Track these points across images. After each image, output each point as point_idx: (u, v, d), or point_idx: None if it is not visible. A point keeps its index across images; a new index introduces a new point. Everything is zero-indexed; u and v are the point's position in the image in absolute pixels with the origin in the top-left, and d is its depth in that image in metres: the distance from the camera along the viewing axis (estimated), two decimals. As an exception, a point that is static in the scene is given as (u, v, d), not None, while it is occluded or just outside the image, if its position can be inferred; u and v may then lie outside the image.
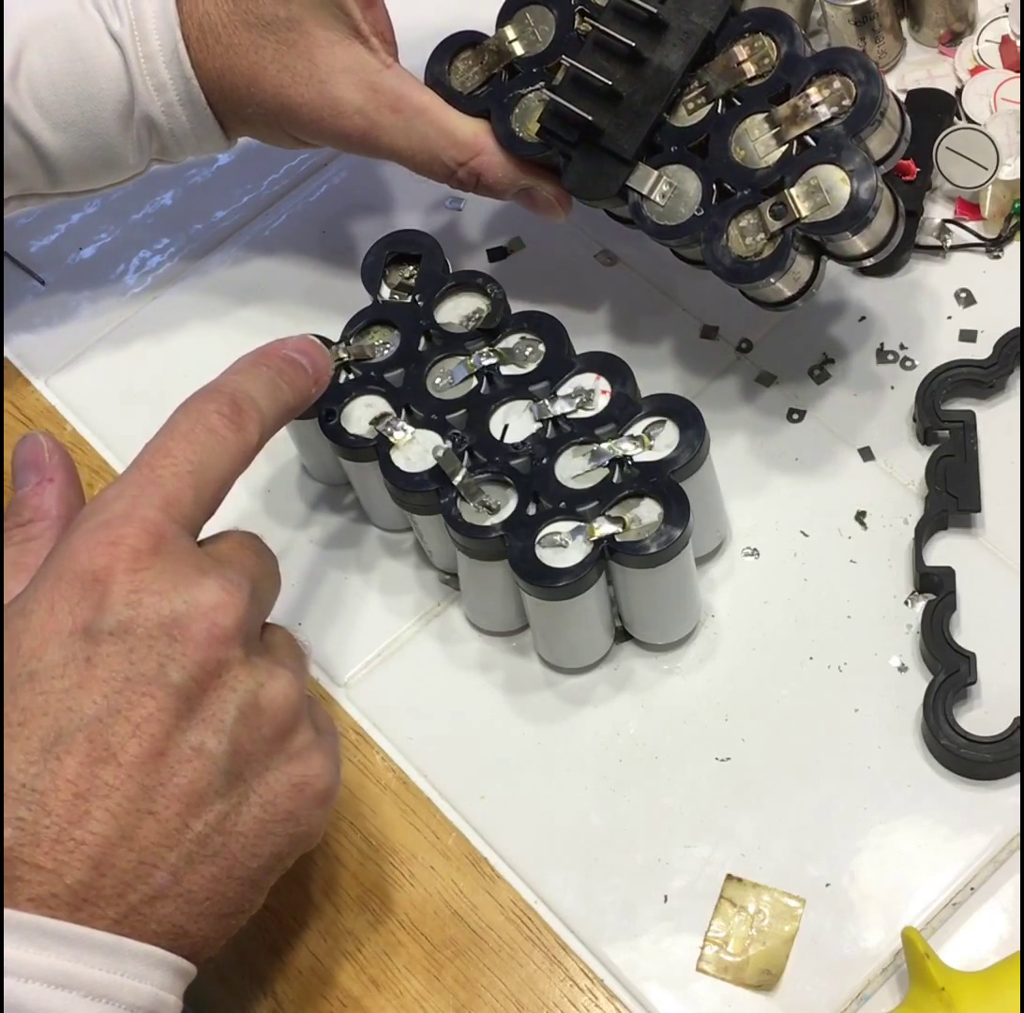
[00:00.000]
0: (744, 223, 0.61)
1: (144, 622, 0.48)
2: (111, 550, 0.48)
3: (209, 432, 0.52)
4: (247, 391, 0.54)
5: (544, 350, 0.64)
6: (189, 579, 0.49)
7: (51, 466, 0.55)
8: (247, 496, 0.70)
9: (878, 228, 0.61)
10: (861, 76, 0.60)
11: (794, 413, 0.69)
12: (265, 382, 0.55)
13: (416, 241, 0.68)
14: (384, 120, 0.65)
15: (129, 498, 0.50)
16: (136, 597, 0.48)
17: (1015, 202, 0.71)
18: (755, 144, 0.62)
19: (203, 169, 0.81)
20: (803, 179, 0.60)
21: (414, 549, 0.68)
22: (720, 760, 0.61)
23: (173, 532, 0.49)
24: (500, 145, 0.66)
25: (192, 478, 0.51)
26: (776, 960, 0.57)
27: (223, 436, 0.52)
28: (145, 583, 0.48)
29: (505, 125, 0.66)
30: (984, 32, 0.75)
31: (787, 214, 0.60)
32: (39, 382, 0.75)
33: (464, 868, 0.61)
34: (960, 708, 0.60)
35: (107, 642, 0.47)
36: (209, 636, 0.48)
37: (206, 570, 0.49)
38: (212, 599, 0.49)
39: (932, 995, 0.53)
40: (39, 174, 0.67)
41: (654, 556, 0.59)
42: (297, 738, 0.51)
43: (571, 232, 0.75)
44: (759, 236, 0.61)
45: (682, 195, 0.62)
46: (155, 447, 0.52)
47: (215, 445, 0.52)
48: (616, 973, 0.58)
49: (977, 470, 0.65)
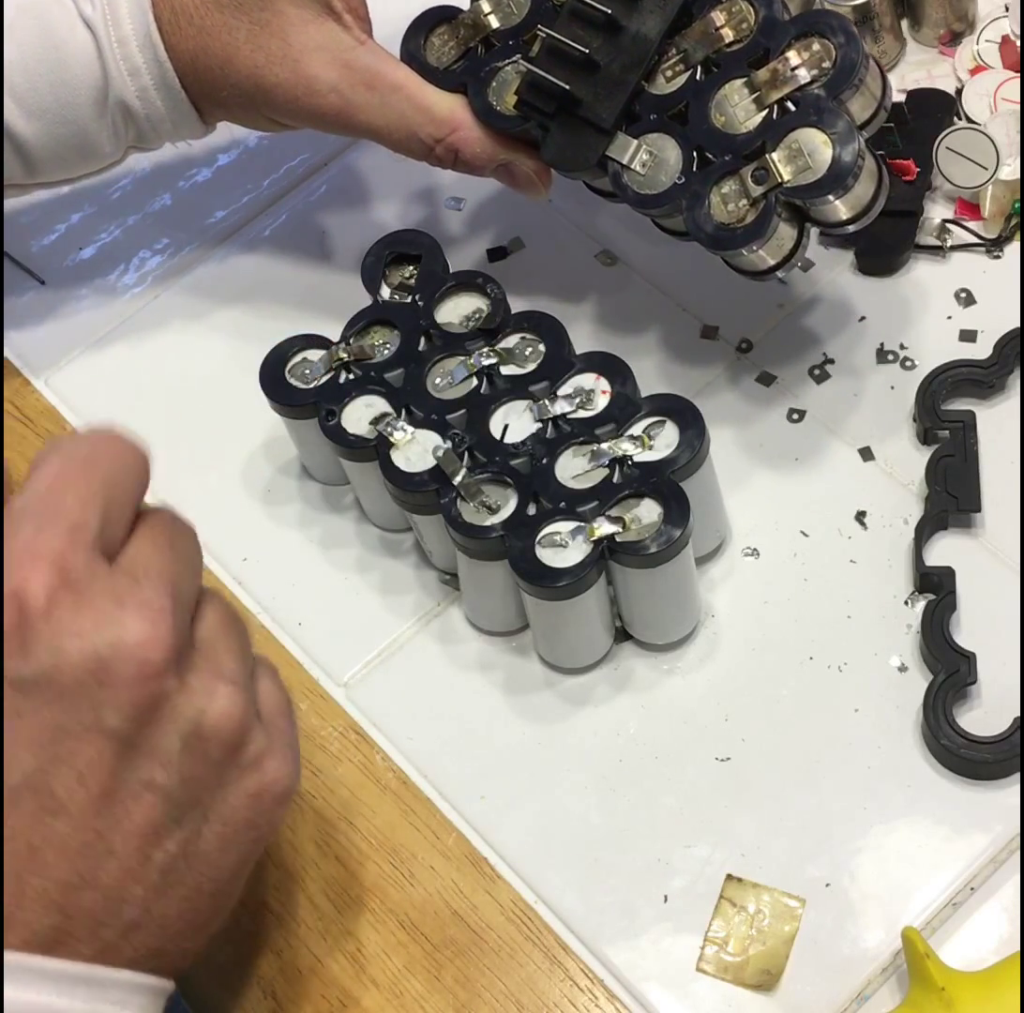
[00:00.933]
0: (726, 190, 0.60)
1: (70, 669, 0.45)
2: (22, 593, 0.45)
3: (108, 453, 0.49)
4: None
5: (544, 350, 0.64)
6: (108, 615, 0.46)
7: None
8: (247, 496, 0.70)
9: (861, 193, 0.60)
10: (841, 39, 0.60)
11: (794, 413, 0.69)
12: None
13: (416, 241, 0.68)
14: (359, 98, 0.64)
15: (32, 531, 0.46)
16: (57, 642, 0.45)
17: (1015, 202, 0.71)
18: (735, 110, 0.61)
19: (203, 169, 0.81)
20: (784, 143, 0.59)
21: (414, 549, 0.68)
22: (720, 760, 0.61)
23: (83, 560, 0.46)
24: (478, 120, 0.65)
25: (99, 500, 0.47)
26: (776, 960, 0.57)
27: (122, 455, 0.49)
28: (63, 625, 0.45)
29: (482, 99, 0.65)
30: (984, 32, 0.75)
31: (769, 179, 0.59)
32: (39, 382, 0.75)
33: (464, 868, 0.61)
34: (960, 708, 0.60)
35: (35, 693, 0.45)
36: (140, 675, 0.46)
37: (123, 599, 0.46)
38: (136, 635, 0.46)
39: (932, 995, 0.53)
40: (15, 164, 0.66)
41: (654, 556, 0.59)
42: (248, 749, 0.49)
43: (571, 232, 0.75)
44: (741, 202, 0.60)
45: (662, 164, 0.62)
46: (54, 473, 0.48)
47: (117, 464, 0.49)
48: (616, 973, 0.58)
49: (977, 470, 0.65)
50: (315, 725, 0.64)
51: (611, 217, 0.75)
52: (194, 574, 0.50)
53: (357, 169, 0.79)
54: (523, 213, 0.76)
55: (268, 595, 0.68)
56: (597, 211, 0.75)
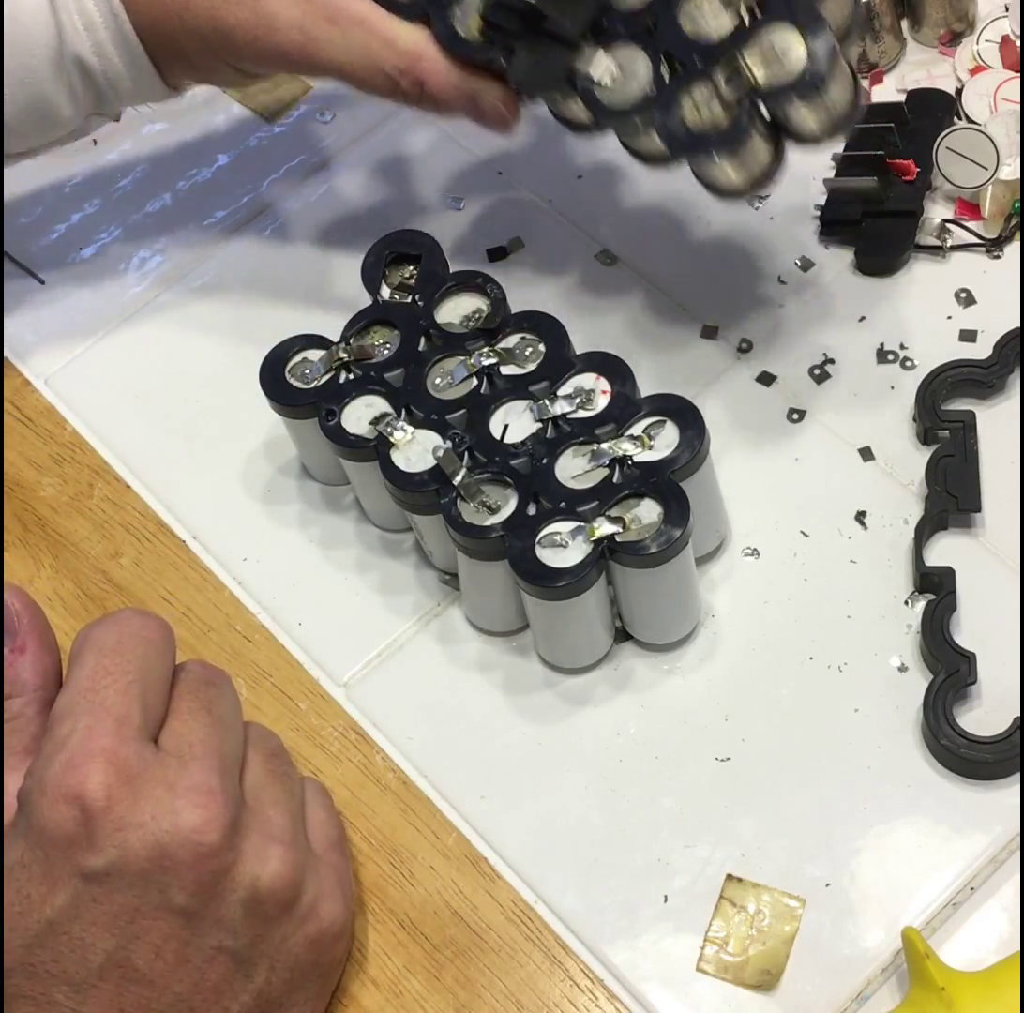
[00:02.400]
0: (698, 96, 0.59)
1: (135, 859, 0.49)
2: (83, 793, 0.49)
3: (135, 637, 0.53)
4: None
5: (544, 350, 0.64)
6: (163, 804, 0.50)
7: (22, 632, 0.54)
8: (247, 496, 0.70)
9: (836, 99, 0.58)
10: None
11: (794, 413, 0.69)
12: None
13: (416, 241, 0.68)
14: (321, 33, 0.63)
15: (83, 731, 0.50)
16: (120, 836, 0.49)
17: (1015, 202, 0.71)
18: (705, 17, 0.59)
19: (203, 169, 0.81)
20: (756, 45, 0.58)
21: (414, 549, 0.68)
22: (720, 760, 0.61)
23: (133, 751, 0.50)
24: (442, 48, 0.63)
25: (136, 688, 0.52)
26: (776, 960, 0.57)
27: (148, 636, 0.53)
28: (124, 819, 0.49)
29: (446, 26, 0.63)
30: (984, 32, 0.75)
31: (742, 81, 0.58)
32: (39, 382, 0.75)
33: (464, 868, 0.61)
34: (960, 708, 0.60)
35: (106, 882, 0.49)
36: (198, 856, 0.50)
37: (175, 785, 0.50)
38: (191, 822, 0.50)
39: (932, 995, 0.53)
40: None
41: (654, 556, 0.59)
42: (302, 900, 0.53)
43: (571, 232, 0.75)
44: (715, 107, 0.58)
45: (632, 76, 0.60)
46: (91, 668, 0.52)
47: (146, 647, 0.53)
48: (616, 973, 0.58)
49: (977, 470, 0.65)
50: (315, 725, 0.64)
51: (611, 217, 0.75)
52: (235, 731, 0.55)
53: (357, 169, 0.79)
54: (523, 213, 0.76)
55: (268, 595, 0.68)
56: (597, 211, 0.75)
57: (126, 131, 0.81)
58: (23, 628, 0.54)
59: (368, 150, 0.80)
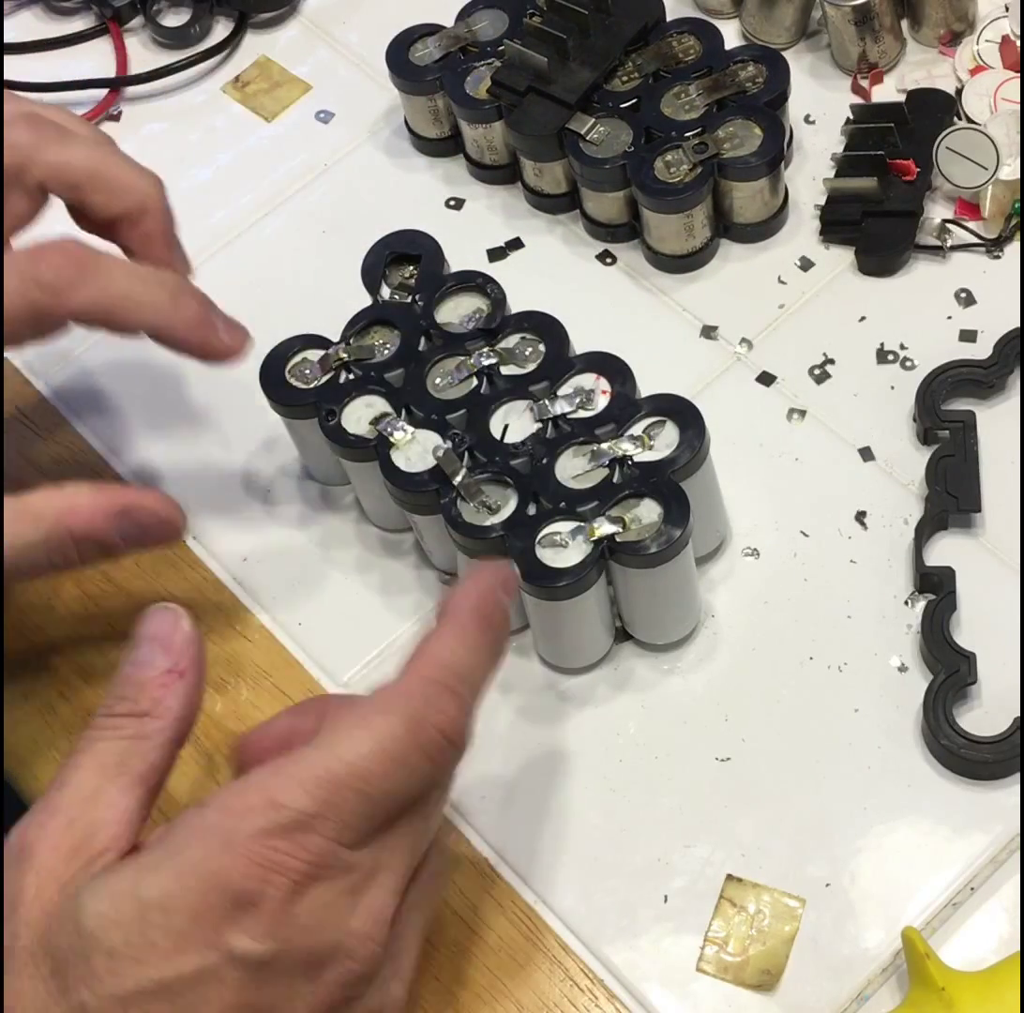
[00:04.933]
0: (670, 158, 0.70)
1: (285, 959, 0.45)
2: (267, 875, 0.45)
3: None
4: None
5: (544, 350, 0.64)
6: (337, 923, 0.46)
7: (186, 657, 0.50)
8: (247, 496, 0.70)
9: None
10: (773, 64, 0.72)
11: (794, 413, 0.69)
12: None
13: (416, 241, 0.68)
14: None
15: (295, 813, 0.45)
16: (285, 933, 0.45)
17: (1015, 202, 0.71)
18: (680, 104, 0.72)
19: (203, 169, 0.81)
20: (723, 126, 0.71)
21: (414, 549, 0.68)
22: (720, 760, 0.61)
23: (336, 857, 0.46)
24: (454, 103, 0.74)
25: (362, 795, 0.47)
26: (776, 960, 0.57)
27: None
28: (293, 919, 0.45)
29: (458, 88, 0.74)
30: (984, 32, 0.75)
31: (708, 150, 0.70)
32: (39, 382, 0.75)
33: (464, 868, 0.61)
34: (960, 708, 0.60)
35: (241, 968, 0.45)
36: (342, 983, 0.47)
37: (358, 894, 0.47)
38: (353, 949, 0.47)
39: (932, 995, 0.53)
40: None
41: (654, 556, 0.59)
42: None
43: (571, 232, 0.75)
44: (683, 167, 0.70)
45: (615, 138, 0.72)
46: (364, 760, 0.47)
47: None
48: (616, 973, 0.58)
49: (977, 470, 0.65)
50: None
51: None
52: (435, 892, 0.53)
53: (357, 169, 0.79)
54: (523, 213, 0.76)
55: (268, 595, 0.68)
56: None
57: (126, 131, 0.81)
58: (188, 655, 0.50)
59: (368, 150, 0.80)
